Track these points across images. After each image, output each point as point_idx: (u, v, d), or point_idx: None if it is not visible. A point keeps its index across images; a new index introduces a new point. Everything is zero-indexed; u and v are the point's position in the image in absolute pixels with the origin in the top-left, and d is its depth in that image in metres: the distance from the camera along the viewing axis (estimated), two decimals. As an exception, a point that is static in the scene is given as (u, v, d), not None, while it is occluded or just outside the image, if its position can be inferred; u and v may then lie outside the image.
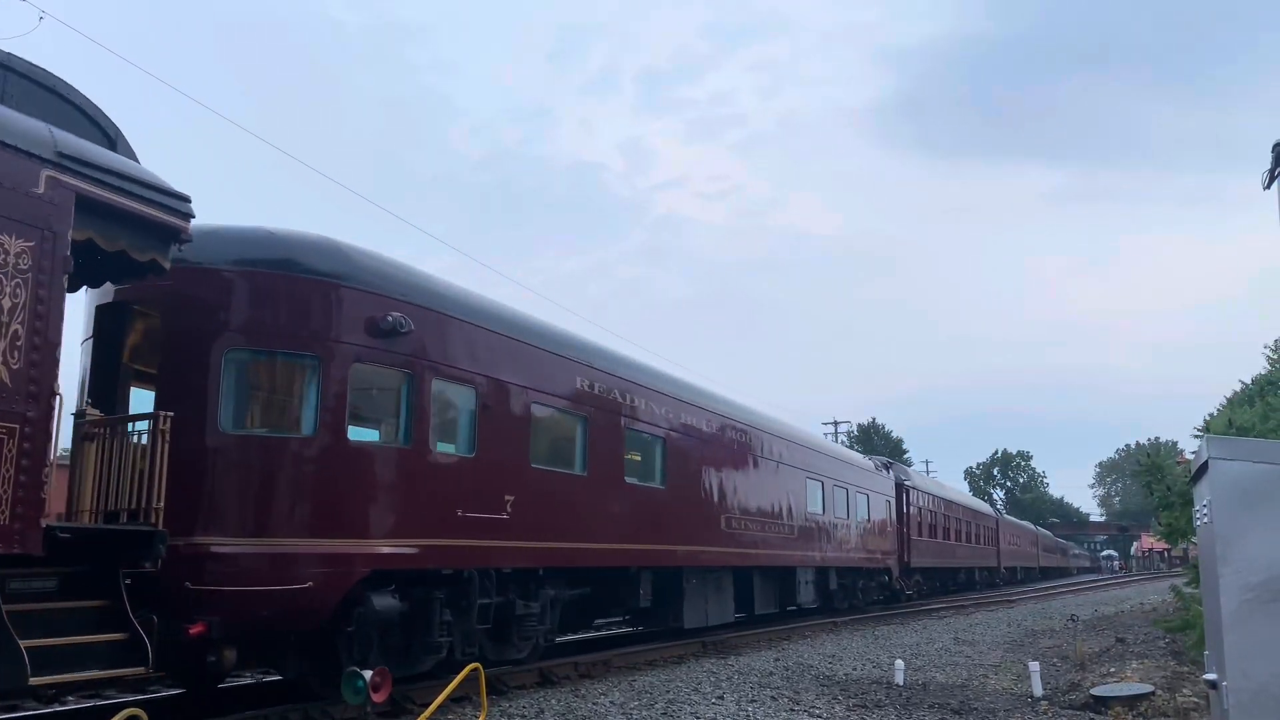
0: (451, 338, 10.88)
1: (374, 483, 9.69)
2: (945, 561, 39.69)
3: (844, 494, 25.81)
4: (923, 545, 35.16)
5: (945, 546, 39.44)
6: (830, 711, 10.87)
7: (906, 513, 33.03)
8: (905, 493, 33.27)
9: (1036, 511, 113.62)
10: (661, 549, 15.18)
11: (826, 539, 23.83)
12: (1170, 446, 76.67)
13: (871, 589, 29.08)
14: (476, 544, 10.75)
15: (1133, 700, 11.20)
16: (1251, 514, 4.80)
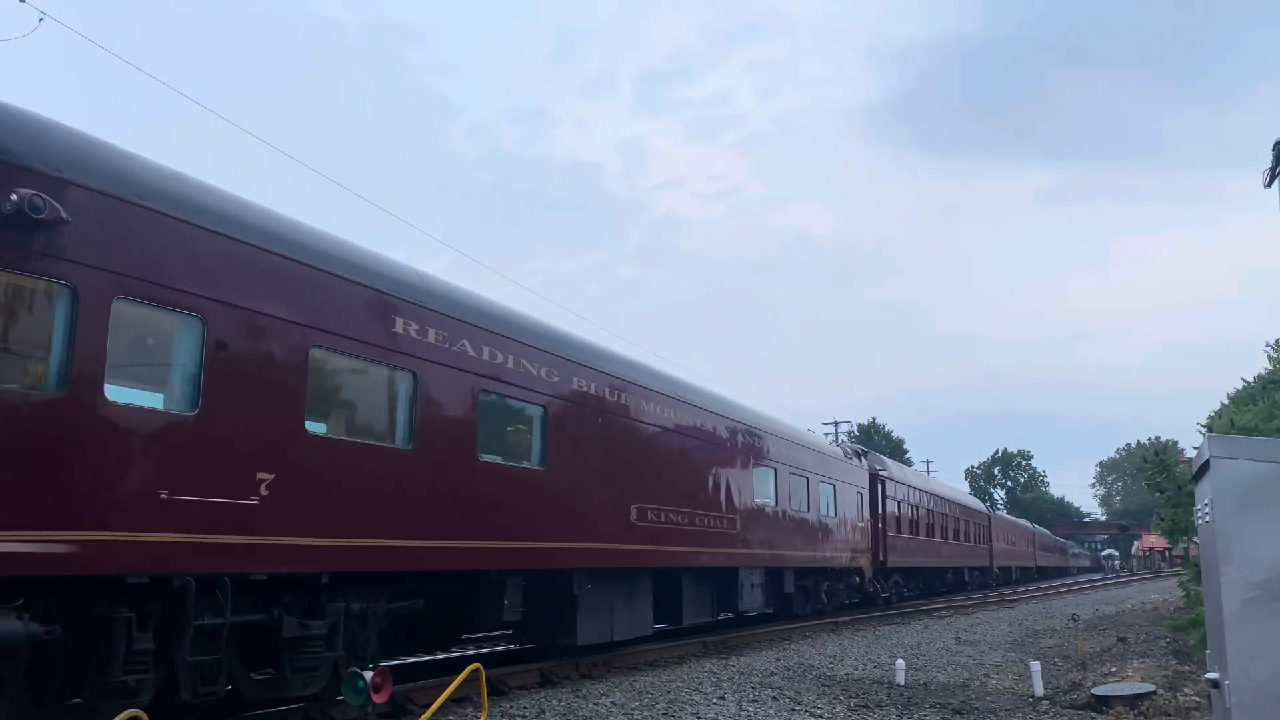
0: (157, 241, 7.56)
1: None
2: (929, 561, 36.14)
3: (804, 483, 22.09)
4: (901, 543, 31.63)
5: (928, 544, 36.00)
6: (831, 711, 10.86)
7: (882, 507, 29.44)
8: (881, 484, 29.78)
9: (1037, 511, 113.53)
10: (537, 547, 11.82)
11: (780, 534, 20.22)
12: (1171, 445, 76.64)
13: (839, 591, 25.37)
14: (198, 540, 7.53)
15: (1134, 699, 11.19)
16: (1253, 513, 4.79)
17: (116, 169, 7.47)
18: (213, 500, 7.68)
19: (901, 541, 31.61)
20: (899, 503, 31.87)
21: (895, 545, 30.55)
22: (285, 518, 8.28)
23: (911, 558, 32.98)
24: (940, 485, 43.50)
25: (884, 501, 29.72)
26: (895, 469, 33.08)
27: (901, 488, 32.50)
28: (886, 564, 29.13)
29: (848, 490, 25.66)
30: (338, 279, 9.23)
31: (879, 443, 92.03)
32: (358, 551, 9.02)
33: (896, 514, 31.36)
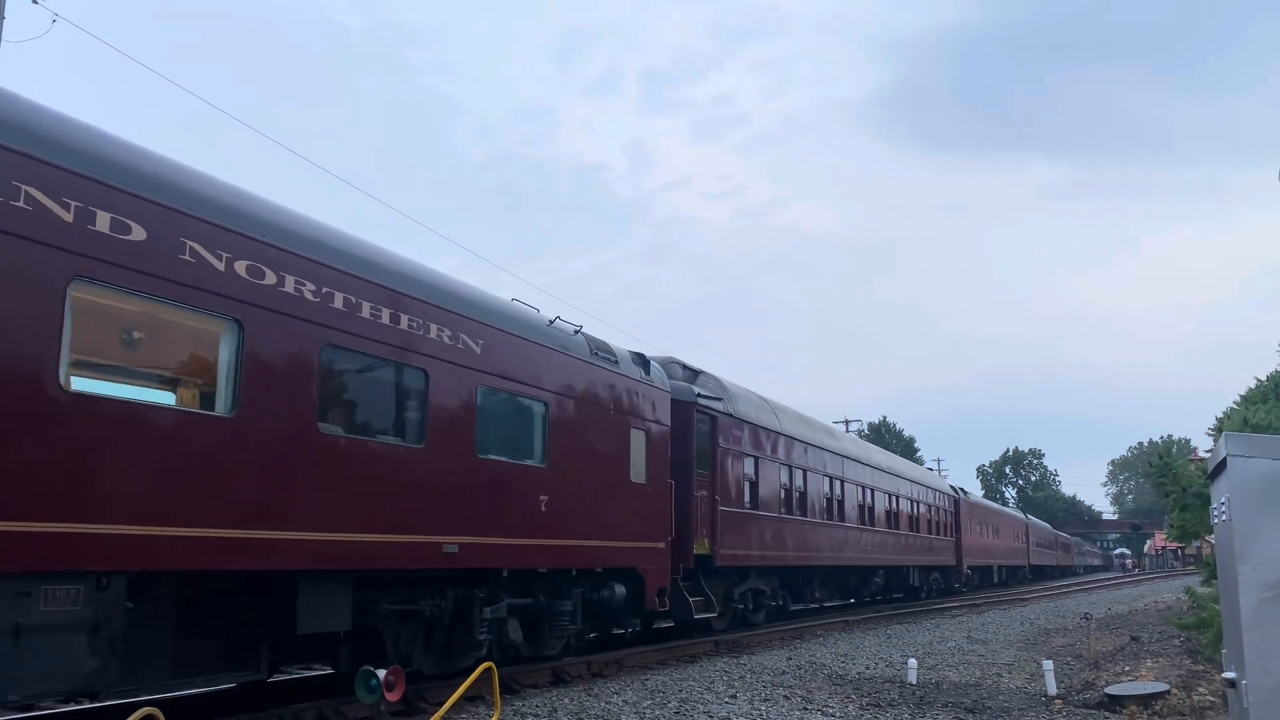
0: None
1: None
2: (828, 557, 23.25)
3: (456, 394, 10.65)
4: (755, 526, 19.10)
5: (826, 533, 23.26)
6: (843, 710, 10.84)
7: (715, 461, 17.43)
8: (712, 422, 17.57)
9: (1049, 510, 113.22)
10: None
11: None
12: (1183, 444, 75.86)
13: (563, 619, 12.71)
14: None
15: (1148, 699, 11.15)
16: (1270, 511, 4.76)
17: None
18: None
19: (756, 524, 19.10)
20: (758, 460, 19.60)
21: (740, 529, 18.23)
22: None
23: (782, 551, 20.42)
24: (861, 444, 30.00)
25: (719, 454, 17.44)
26: (748, 404, 19.68)
27: (763, 436, 19.97)
28: (717, 558, 16.98)
29: (608, 425, 13.44)
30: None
31: (890, 441, 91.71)
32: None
33: (749, 477, 19.17)
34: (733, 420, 18.47)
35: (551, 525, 11.83)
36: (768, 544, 19.66)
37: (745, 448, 19.01)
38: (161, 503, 7.16)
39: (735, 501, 18.27)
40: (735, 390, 19.45)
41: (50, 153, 6.73)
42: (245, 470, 7.86)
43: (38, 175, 6.59)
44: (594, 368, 13.30)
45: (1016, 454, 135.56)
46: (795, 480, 21.65)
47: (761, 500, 19.55)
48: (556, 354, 12.48)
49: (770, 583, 20.50)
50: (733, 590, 18.65)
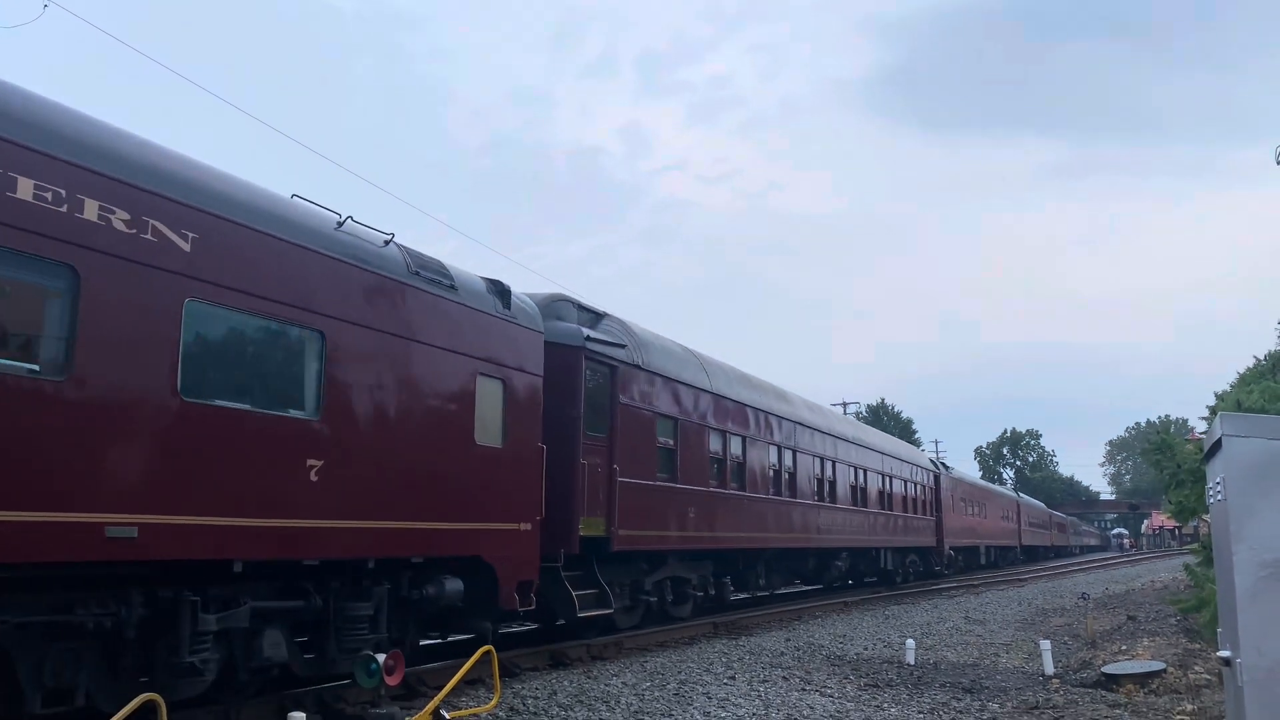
0: None
1: None
2: (776, 538, 19.94)
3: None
4: (674, 502, 15.55)
5: (775, 511, 19.75)
6: (842, 691, 10.90)
7: (611, 417, 13.94)
8: (612, 374, 14.10)
9: (1047, 490, 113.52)
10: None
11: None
12: (1180, 424, 75.96)
13: (359, 627, 9.29)
14: None
15: (1144, 678, 11.22)
16: (1266, 491, 4.77)
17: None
18: None
19: (672, 498, 15.47)
20: (679, 424, 15.91)
21: (642, 504, 14.44)
22: None
23: (704, 531, 16.58)
24: (823, 412, 25.37)
25: (620, 413, 14.05)
26: (665, 356, 16.05)
27: (687, 394, 16.35)
28: (614, 540, 13.55)
29: (437, 370, 10.15)
30: None
31: (888, 423, 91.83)
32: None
33: (666, 444, 15.54)
34: (641, 373, 14.71)
35: (328, 501, 8.40)
36: (693, 524, 15.99)
37: (660, 407, 15.28)
38: None
39: (644, 472, 14.54)
40: (647, 338, 15.66)
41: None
42: None
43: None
44: (414, 292, 9.77)
45: (1014, 435, 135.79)
46: (733, 449, 17.95)
47: (684, 471, 15.81)
48: (345, 267, 8.91)
49: (699, 569, 17.11)
50: (643, 580, 15.03)
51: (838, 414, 27.02)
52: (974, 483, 46.60)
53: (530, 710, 9.35)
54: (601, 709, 9.51)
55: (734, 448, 18.11)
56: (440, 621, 10.89)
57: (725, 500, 17.44)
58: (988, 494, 48.08)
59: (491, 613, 10.95)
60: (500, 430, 10.98)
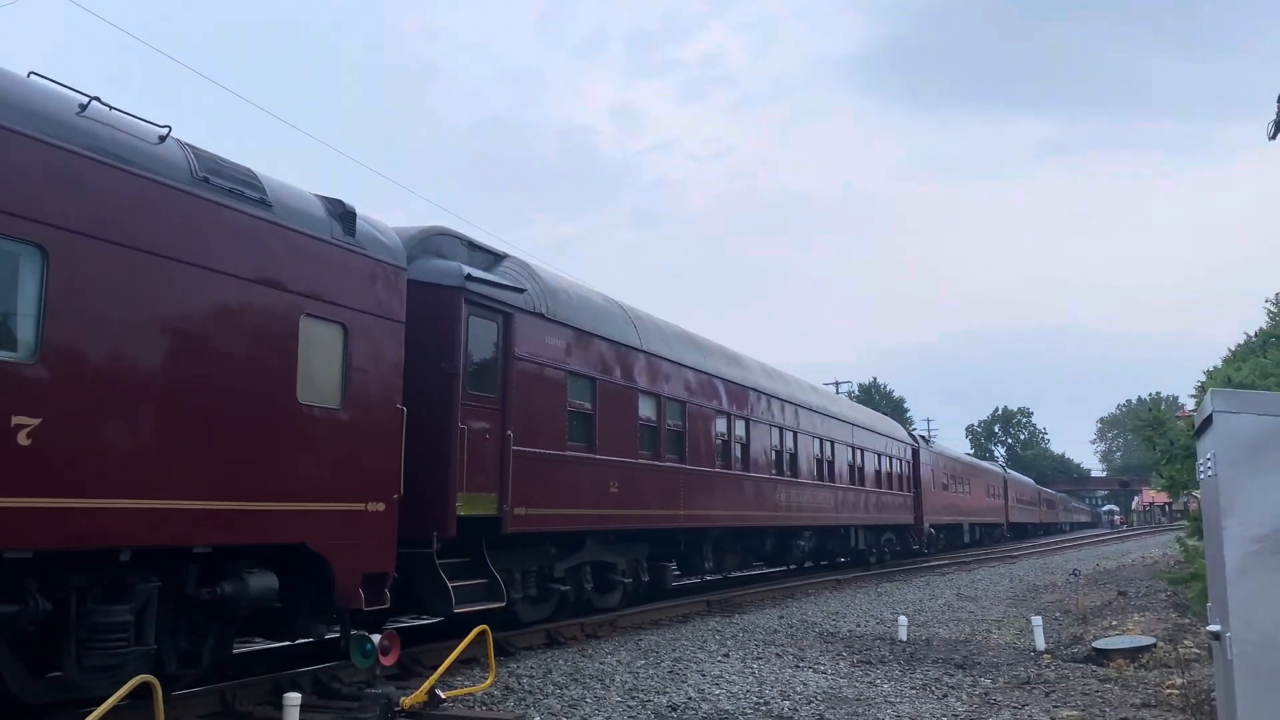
0: None
1: None
2: (725, 516, 17.87)
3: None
4: (589, 476, 13.35)
5: (724, 486, 17.66)
6: (835, 667, 10.98)
7: (509, 381, 11.62)
8: (505, 325, 11.72)
9: (1038, 468, 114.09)
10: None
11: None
12: (1171, 401, 76.21)
13: (112, 636, 6.99)
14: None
15: (1134, 652, 11.31)
16: (1256, 467, 4.79)
17: None
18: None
19: (586, 471, 13.21)
20: (598, 384, 13.59)
21: (546, 478, 12.24)
22: None
23: (633, 509, 14.35)
24: (782, 378, 22.44)
25: (516, 370, 11.76)
26: (578, 307, 13.69)
27: (609, 351, 14.07)
28: (508, 520, 11.38)
29: (235, 306, 7.91)
30: None
31: (880, 402, 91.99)
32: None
33: (580, 407, 13.20)
34: (547, 324, 12.45)
35: (49, 472, 6.42)
36: (617, 500, 13.77)
37: (574, 365, 12.99)
38: None
39: (551, 440, 12.33)
40: (557, 284, 13.31)
41: None
42: None
43: None
44: (201, 205, 7.64)
45: (1006, 413, 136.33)
46: (669, 416, 15.70)
47: (605, 440, 13.57)
48: (86, 164, 6.82)
49: (631, 552, 15.03)
50: (552, 566, 12.91)
51: (802, 381, 24.01)
52: (957, 457, 44.46)
53: (525, 689, 9.40)
54: (596, 687, 9.57)
55: (671, 415, 15.87)
56: (262, 625, 8.96)
57: (660, 474, 15.24)
58: (972, 469, 46.14)
59: (327, 613, 8.93)
60: (339, 387, 8.79)
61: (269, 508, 8.08)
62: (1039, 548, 44.95)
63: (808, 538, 23.05)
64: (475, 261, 12.00)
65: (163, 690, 6.03)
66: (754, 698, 9.24)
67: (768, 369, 21.52)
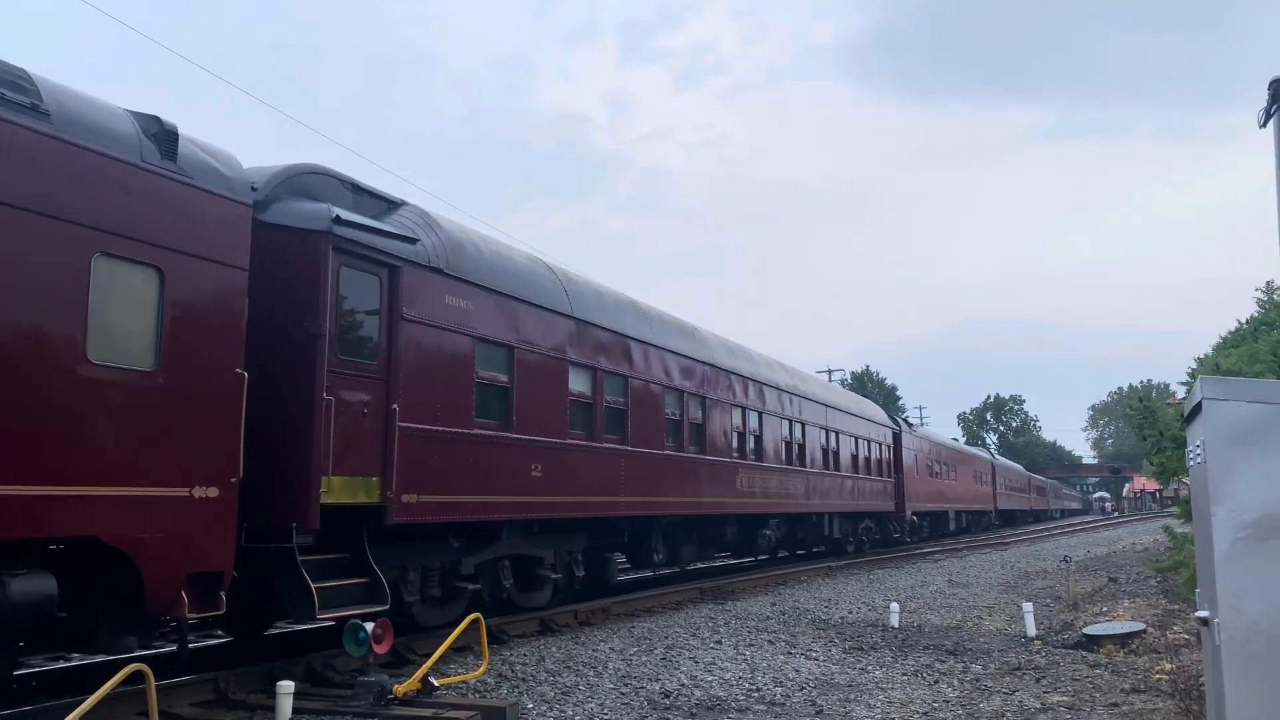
0: None
1: None
2: (677, 503, 16.39)
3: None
4: (504, 457, 11.57)
5: (675, 469, 16.16)
6: (827, 654, 11.03)
7: (396, 345, 9.88)
8: (390, 279, 9.93)
9: (1030, 455, 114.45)
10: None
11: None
12: (1162, 389, 76.44)
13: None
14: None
15: (1124, 638, 11.38)
16: (1245, 453, 4.82)
17: None
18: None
19: (499, 453, 11.52)
20: (515, 353, 11.99)
21: (446, 460, 10.56)
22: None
23: (564, 495, 12.87)
24: (747, 354, 20.87)
25: (404, 333, 10.03)
26: (490, 265, 11.87)
27: (530, 316, 12.44)
28: (393, 509, 9.64)
29: (27, 239, 6.52)
30: None
31: (872, 390, 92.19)
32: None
33: (492, 379, 11.55)
34: (447, 281, 10.75)
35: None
36: (541, 486, 12.19)
37: (481, 329, 11.27)
38: None
39: (451, 416, 10.63)
40: (460, 237, 11.46)
41: None
42: None
43: None
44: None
45: (998, 401, 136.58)
46: (608, 392, 14.08)
47: (525, 417, 11.91)
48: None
49: (563, 544, 13.51)
50: (457, 562, 11.28)
51: (769, 358, 22.42)
52: (942, 442, 42.71)
53: (519, 676, 9.43)
54: (589, 674, 9.60)
55: (611, 391, 14.22)
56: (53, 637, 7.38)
57: (596, 456, 13.63)
58: (959, 455, 44.36)
59: (137, 622, 7.35)
60: (152, 345, 7.30)
61: (43, 493, 6.46)
62: (1031, 534, 45.12)
63: (775, 526, 21.59)
64: (361, 208, 10.31)
65: (155, 679, 6.03)
66: (746, 684, 9.28)
67: (730, 344, 19.95)
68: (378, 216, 10.41)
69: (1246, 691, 4.67)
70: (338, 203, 9.73)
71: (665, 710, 8.20)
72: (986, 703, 8.53)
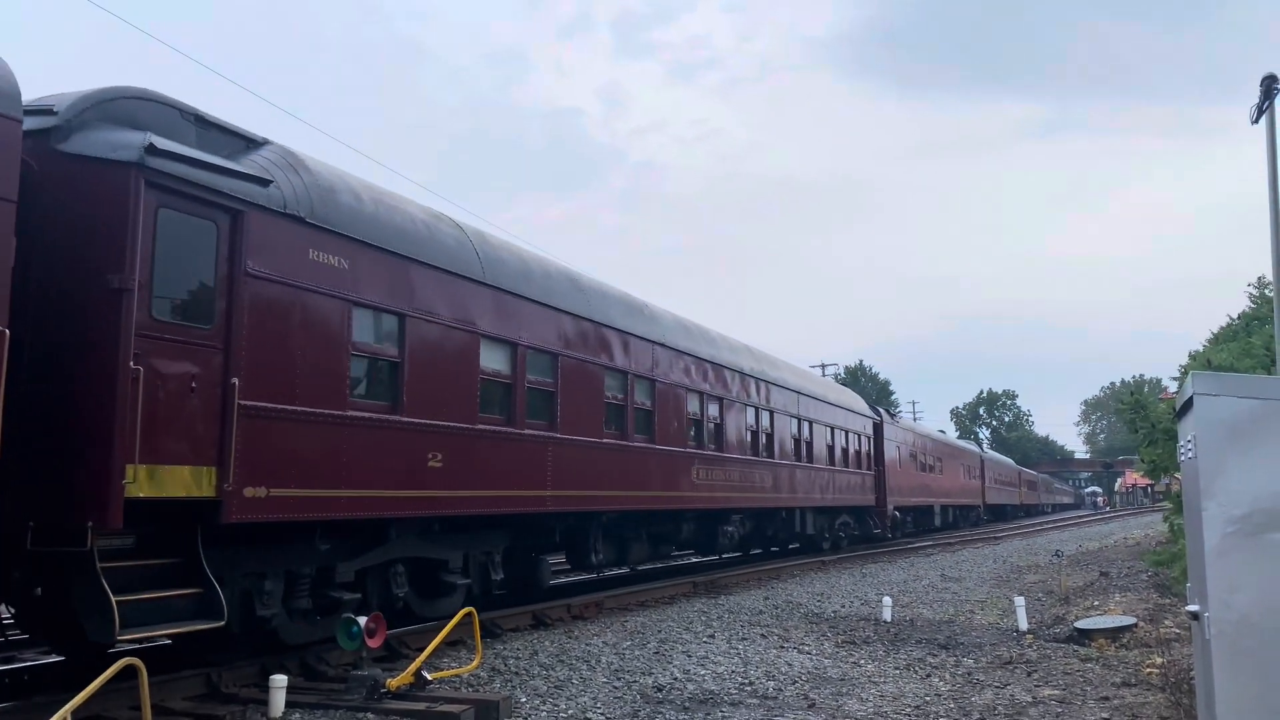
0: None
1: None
2: (620, 498, 14.56)
3: None
4: (390, 443, 9.70)
5: (618, 460, 14.47)
6: (819, 648, 11.05)
7: (239, 305, 8.16)
8: (232, 225, 8.23)
9: (1022, 449, 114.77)
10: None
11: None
12: (1155, 384, 76.63)
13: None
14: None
15: (1115, 632, 11.43)
16: (1235, 448, 4.84)
17: None
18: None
19: (382, 438, 9.65)
20: (407, 321, 10.13)
21: (292, 446, 8.64)
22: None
23: (470, 489, 10.96)
24: (705, 335, 18.99)
25: (250, 290, 8.29)
26: (372, 217, 9.96)
27: (429, 280, 10.56)
28: (232, 505, 7.99)
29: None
30: None
31: (865, 385, 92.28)
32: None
33: (373, 350, 9.75)
34: (311, 233, 8.95)
35: None
36: (443, 478, 10.43)
37: (359, 293, 9.46)
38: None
39: (316, 395, 8.85)
40: (333, 182, 9.60)
41: None
42: None
43: None
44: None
45: (990, 395, 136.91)
46: (531, 371, 12.30)
47: (419, 399, 10.13)
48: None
49: (476, 545, 11.95)
50: (333, 567, 9.62)
51: (734, 340, 20.71)
52: (927, 434, 41.03)
53: (512, 670, 9.44)
54: (582, 668, 9.62)
55: (536, 370, 12.46)
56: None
57: (517, 445, 11.83)
58: (945, 448, 42.53)
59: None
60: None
61: None
62: (1023, 529, 45.26)
63: (739, 522, 20.05)
64: (209, 145, 8.59)
65: (148, 673, 6.03)
66: (739, 678, 9.30)
67: (688, 324, 18.25)
68: (238, 153, 8.81)
69: (1236, 685, 4.70)
70: (172, 136, 8.08)
71: (658, 704, 8.21)
72: (978, 696, 8.56)
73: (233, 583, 8.33)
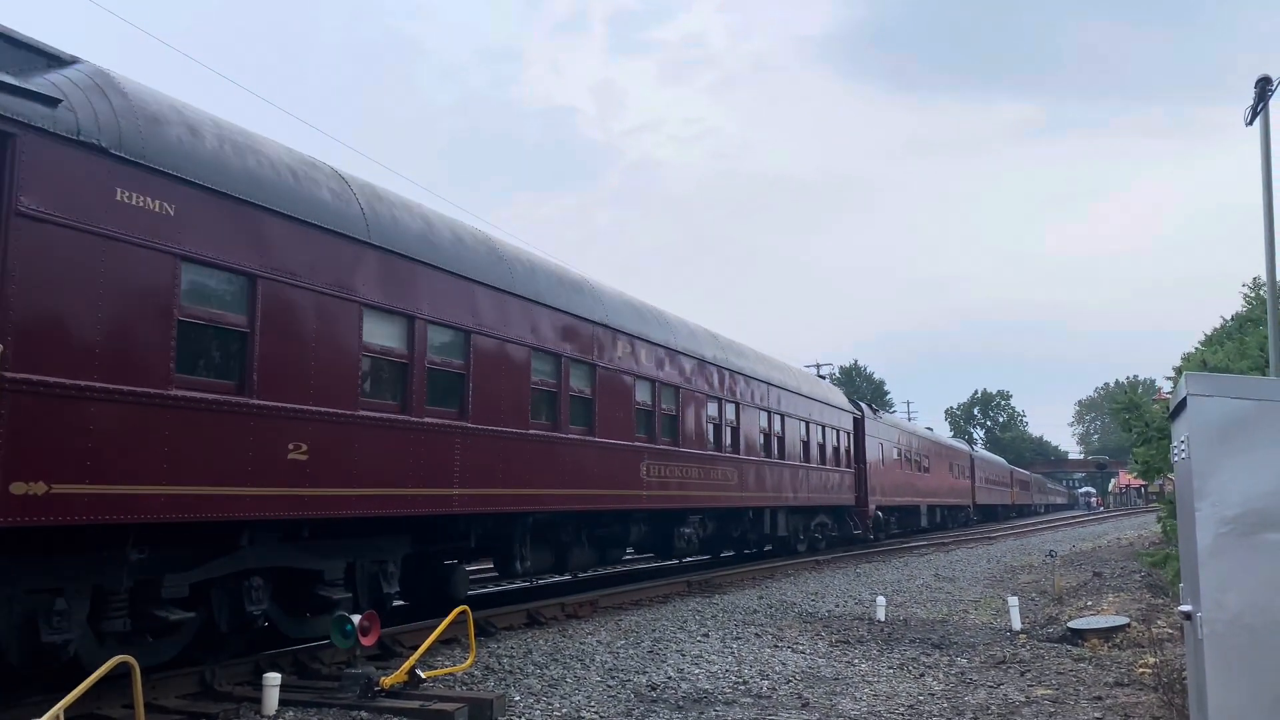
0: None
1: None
2: (557, 497, 12.94)
3: None
4: (247, 432, 8.18)
5: (550, 454, 12.76)
6: (813, 647, 11.06)
7: (5, 246, 6.49)
8: (7, 151, 6.54)
9: (1016, 450, 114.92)
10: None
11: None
12: (1148, 384, 76.83)
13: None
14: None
15: (1109, 632, 11.45)
16: (1229, 449, 4.85)
17: None
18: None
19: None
20: (253, 283, 8.43)
21: (91, 433, 6.94)
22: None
23: (360, 488, 9.36)
24: (640, 312, 16.52)
25: (6, 219, 6.54)
26: (217, 146, 8.33)
27: (277, 230, 8.70)
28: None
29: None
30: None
31: (860, 384, 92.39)
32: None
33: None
34: (118, 167, 7.31)
35: None
36: (309, 473, 8.76)
37: (190, 245, 7.83)
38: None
39: (125, 370, 7.26)
40: (153, 108, 7.91)
41: None
42: None
43: None
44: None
45: (985, 396, 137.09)
46: (435, 351, 10.68)
47: (276, 379, 8.53)
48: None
49: (370, 553, 10.36)
50: (157, 581, 7.95)
51: (696, 327, 19.03)
52: (913, 431, 39.17)
53: (506, 669, 9.44)
54: (576, 667, 9.62)
55: (442, 350, 10.83)
56: None
57: (413, 435, 10.18)
58: (933, 445, 40.57)
59: None
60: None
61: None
62: (1016, 529, 45.32)
63: (697, 523, 18.49)
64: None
65: (140, 671, 6.02)
66: (733, 677, 9.31)
67: (636, 304, 16.48)
68: (22, 74, 7.11)
69: (1228, 685, 4.71)
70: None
71: (652, 703, 8.22)
72: (971, 696, 8.57)
73: (15, 599, 6.92)
